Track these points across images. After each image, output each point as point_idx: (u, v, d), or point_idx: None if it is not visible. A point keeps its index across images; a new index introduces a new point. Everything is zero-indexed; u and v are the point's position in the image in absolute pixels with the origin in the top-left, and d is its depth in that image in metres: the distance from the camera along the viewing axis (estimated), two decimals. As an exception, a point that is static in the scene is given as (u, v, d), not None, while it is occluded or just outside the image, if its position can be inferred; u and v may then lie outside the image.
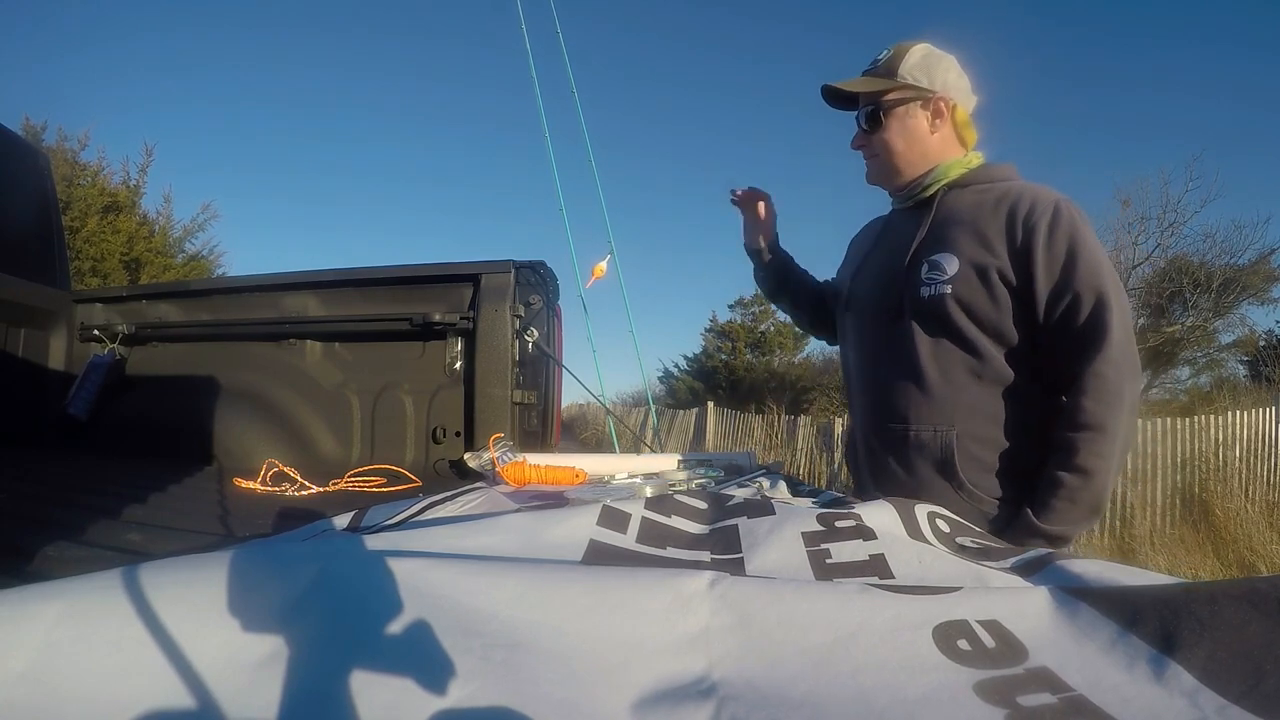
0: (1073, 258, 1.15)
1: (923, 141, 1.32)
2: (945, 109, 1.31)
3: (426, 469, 1.92)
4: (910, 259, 1.28)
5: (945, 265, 1.23)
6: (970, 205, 1.26)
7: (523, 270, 1.95)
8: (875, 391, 1.35)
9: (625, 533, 0.78)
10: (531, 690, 0.46)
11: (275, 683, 0.45)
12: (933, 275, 1.24)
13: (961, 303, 1.21)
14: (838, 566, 0.70)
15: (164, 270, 9.32)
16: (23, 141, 2.73)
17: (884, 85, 1.31)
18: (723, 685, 0.48)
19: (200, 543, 1.00)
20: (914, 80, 1.30)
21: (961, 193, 1.29)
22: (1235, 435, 5.82)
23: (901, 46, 1.33)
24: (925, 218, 1.30)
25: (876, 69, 1.33)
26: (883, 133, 1.33)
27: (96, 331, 2.23)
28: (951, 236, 1.24)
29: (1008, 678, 0.48)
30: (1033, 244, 1.16)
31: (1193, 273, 10.46)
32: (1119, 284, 1.18)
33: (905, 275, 1.28)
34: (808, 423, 9.30)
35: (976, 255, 1.20)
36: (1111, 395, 1.12)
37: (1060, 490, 1.13)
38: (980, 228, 1.22)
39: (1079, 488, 1.12)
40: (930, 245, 1.27)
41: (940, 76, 1.31)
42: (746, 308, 17.25)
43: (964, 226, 1.24)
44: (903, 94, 1.30)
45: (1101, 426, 1.12)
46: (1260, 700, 0.44)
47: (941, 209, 1.30)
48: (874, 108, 1.33)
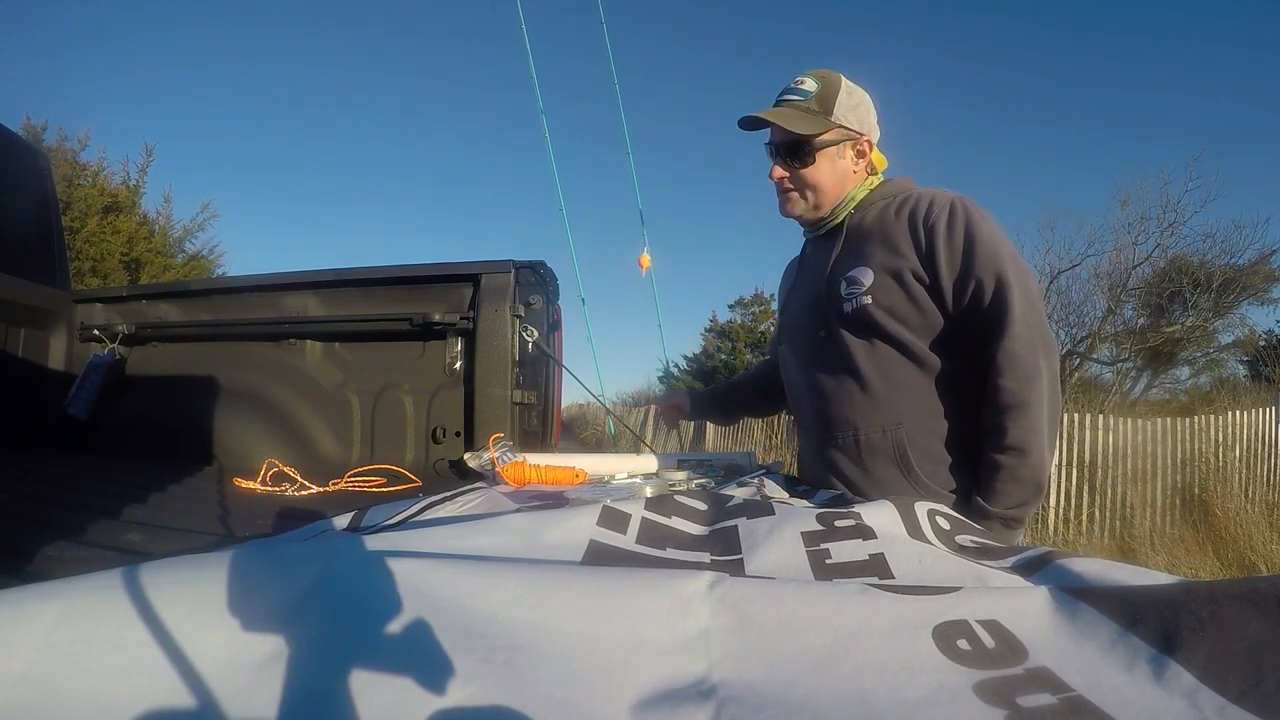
0: (970, 246, 1.20)
1: (844, 179, 1.37)
2: (868, 150, 1.37)
3: (426, 469, 1.92)
4: (828, 280, 1.34)
5: (861, 278, 1.29)
6: (875, 219, 1.33)
7: (523, 270, 1.95)
8: (820, 405, 1.38)
9: (625, 533, 0.78)
10: (532, 691, 0.46)
11: (276, 683, 0.46)
12: (851, 290, 1.29)
13: (883, 308, 1.26)
14: (838, 566, 0.70)
15: (164, 270, 9.32)
16: (23, 141, 2.73)
17: (821, 126, 1.32)
18: (723, 687, 0.48)
19: (200, 543, 1.00)
20: (846, 123, 1.33)
21: (866, 210, 1.36)
22: (1235, 435, 5.81)
23: (829, 81, 1.33)
24: (837, 241, 1.36)
25: (808, 103, 1.32)
26: (810, 170, 1.35)
27: (96, 331, 2.23)
28: (863, 251, 1.31)
29: (1008, 678, 0.48)
30: (934, 241, 1.22)
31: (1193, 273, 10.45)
32: (1021, 263, 1.22)
33: (827, 296, 1.34)
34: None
35: (888, 262, 1.26)
36: (1027, 370, 1.15)
37: (1000, 472, 1.17)
38: (887, 236, 1.28)
39: (1016, 466, 1.16)
40: (844, 263, 1.33)
41: (867, 118, 1.36)
42: (746, 308, 17.26)
43: (872, 239, 1.30)
44: (836, 135, 1.33)
45: (1024, 403, 1.15)
46: (1260, 700, 0.44)
47: (850, 229, 1.36)
48: (805, 145, 1.33)
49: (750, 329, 16.94)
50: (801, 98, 1.33)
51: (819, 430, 1.38)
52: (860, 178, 1.38)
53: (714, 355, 17.22)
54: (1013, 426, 1.15)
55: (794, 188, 1.38)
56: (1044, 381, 1.16)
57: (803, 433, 1.49)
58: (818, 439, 1.39)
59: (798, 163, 1.35)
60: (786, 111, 1.33)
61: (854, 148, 1.35)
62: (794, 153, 1.34)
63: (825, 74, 1.35)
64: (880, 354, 1.28)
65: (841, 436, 1.33)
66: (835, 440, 1.34)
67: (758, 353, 16.56)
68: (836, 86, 1.33)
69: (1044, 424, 1.16)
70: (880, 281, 1.26)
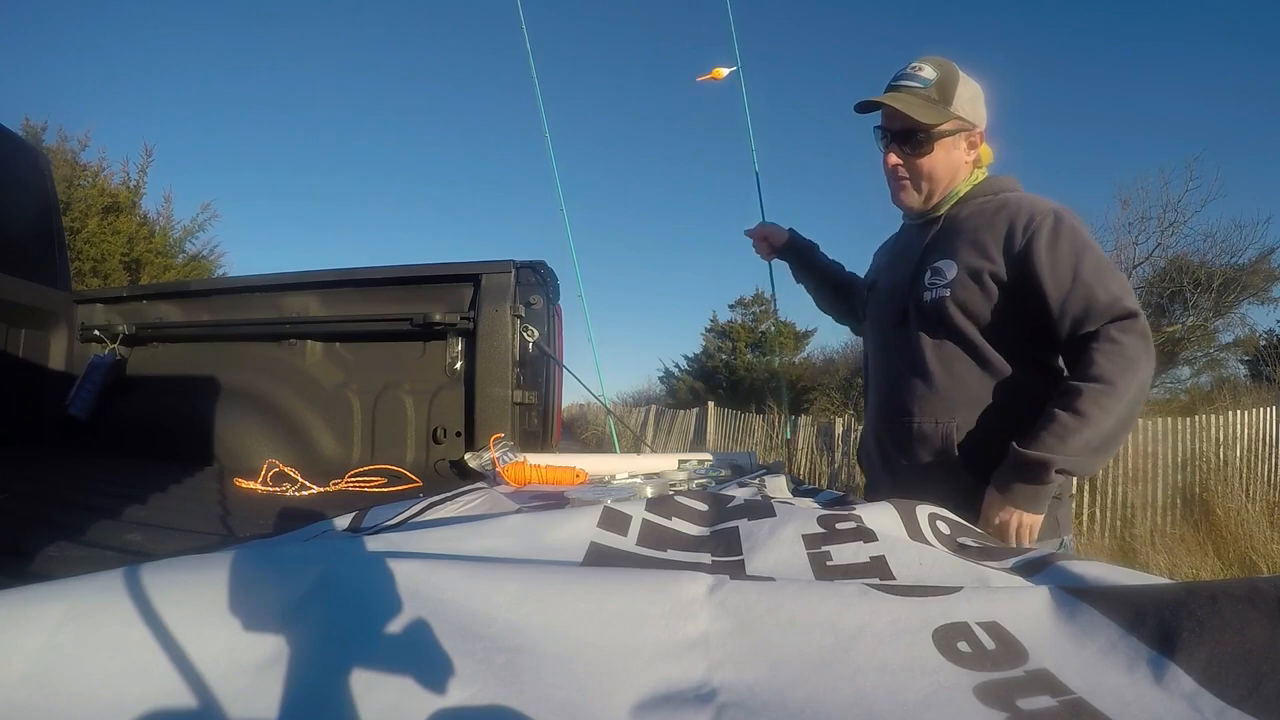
0: (1079, 260, 1.19)
1: (956, 170, 1.36)
2: (979, 142, 1.37)
3: (427, 469, 1.92)
4: (916, 268, 1.36)
5: (945, 271, 1.30)
6: (971, 214, 1.33)
7: (523, 270, 1.95)
8: (885, 388, 1.42)
9: (626, 535, 0.78)
10: (532, 693, 0.46)
11: (277, 684, 0.46)
12: (934, 281, 1.31)
13: (959, 304, 1.27)
14: (838, 568, 0.70)
15: (164, 270, 9.31)
16: (23, 142, 2.73)
17: (941, 116, 1.30)
18: (722, 690, 0.48)
19: (201, 543, 1.00)
20: (963, 114, 1.32)
21: (965, 204, 1.35)
22: (1236, 435, 5.81)
23: (948, 70, 1.32)
24: (933, 230, 1.37)
25: (928, 90, 1.31)
26: (926, 159, 1.33)
27: (97, 332, 2.23)
28: (953, 245, 1.31)
29: (1008, 680, 0.48)
30: (1033, 250, 1.21)
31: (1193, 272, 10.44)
32: (1122, 277, 1.23)
33: (911, 283, 1.36)
34: (808, 423, 9.30)
35: (972, 260, 1.27)
36: (1128, 360, 1.14)
37: (1052, 425, 1.15)
38: (979, 235, 1.28)
39: (1072, 428, 1.14)
40: (933, 254, 1.34)
41: (980, 110, 1.36)
42: (747, 308, 17.25)
43: (964, 235, 1.30)
44: (953, 125, 1.32)
45: (1111, 381, 1.13)
46: (1260, 703, 0.44)
47: (947, 220, 1.36)
48: (923, 134, 1.32)
49: (750, 329, 16.93)
50: (921, 85, 1.31)
51: (879, 410, 1.43)
52: (969, 170, 1.37)
53: (714, 355, 17.21)
54: (1088, 395, 1.13)
55: (908, 177, 1.37)
56: (1137, 377, 1.14)
57: (867, 407, 1.54)
58: (876, 418, 1.44)
59: (914, 151, 1.33)
60: (908, 98, 1.31)
61: (967, 139, 1.35)
62: (911, 141, 1.33)
63: (942, 61, 1.33)
64: (947, 348, 1.30)
65: (896, 421, 1.36)
66: (890, 423, 1.38)
67: (758, 353, 16.55)
68: (956, 76, 1.32)
69: (1118, 409, 1.14)
70: (961, 278, 1.27)
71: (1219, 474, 5.57)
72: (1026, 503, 1.18)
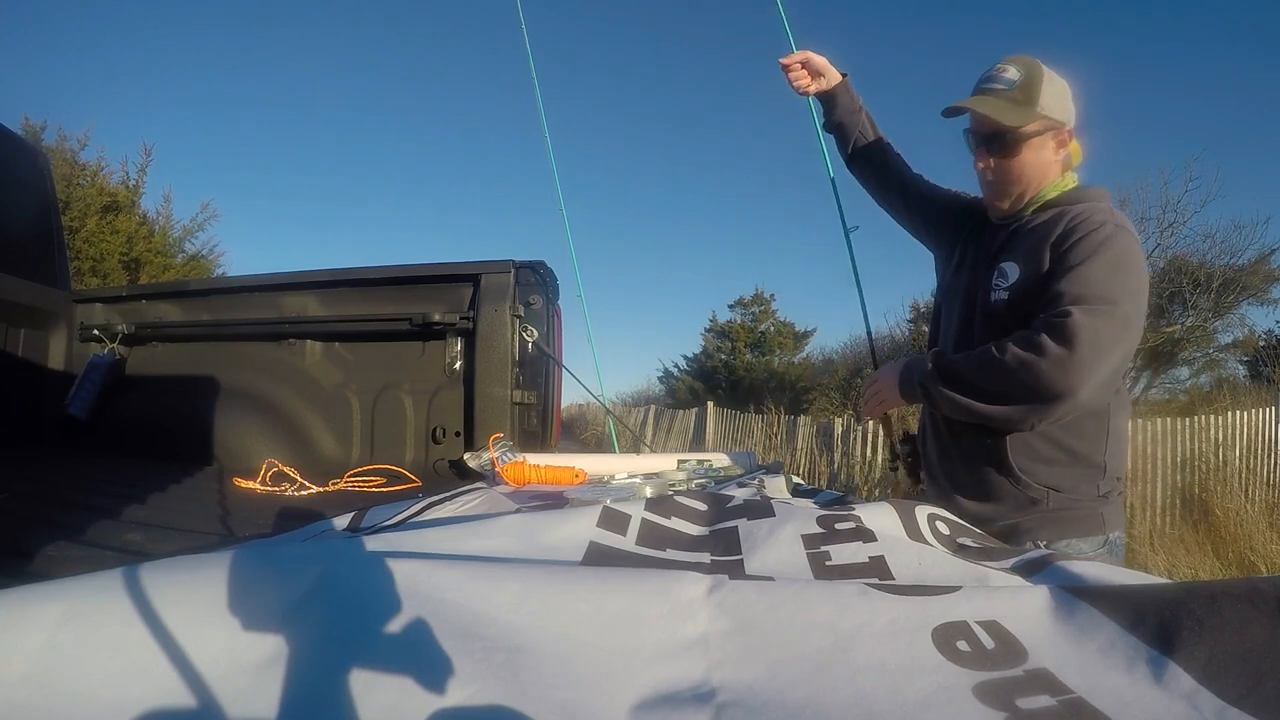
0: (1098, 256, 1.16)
1: (1044, 169, 1.34)
2: (1068, 140, 1.34)
3: (426, 469, 1.92)
4: (987, 265, 1.36)
5: (1009, 273, 1.30)
6: (1045, 221, 1.30)
7: (523, 270, 1.95)
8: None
9: (625, 534, 0.78)
10: (532, 693, 0.46)
11: (276, 684, 0.46)
12: (999, 282, 1.31)
13: (1015, 309, 1.26)
14: (837, 568, 0.70)
15: (164, 270, 9.30)
16: (23, 141, 2.73)
17: (1026, 117, 1.29)
18: (722, 690, 0.48)
19: (201, 543, 1.00)
20: (1049, 113, 1.30)
21: (1045, 210, 1.33)
22: (1235, 435, 5.81)
23: (1032, 69, 1.30)
24: (1006, 230, 1.37)
25: (1012, 92, 1.29)
26: (1015, 162, 1.32)
27: (96, 331, 2.23)
28: (1021, 247, 1.31)
29: (1007, 680, 0.48)
30: (1062, 250, 1.20)
31: (1192, 273, 10.44)
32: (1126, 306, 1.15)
33: (981, 280, 1.36)
34: (808, 423, 9.30)
35: (1029, 266, 1.26)
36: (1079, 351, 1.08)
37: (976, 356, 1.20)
38: (1039, 241, 1.27)
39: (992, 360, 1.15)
40: (1005, 253, 1.33)
41: (1068, 107, 1.33)
42: (746, 308, 17.26)
43: (1031, 238, 1.30)
44: (1040, 125, 1.30)
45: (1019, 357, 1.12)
46: (1259, 702, 0.44)
47: (1023, 223, 1.34)
48: (1009, 135, 1.30)
49: (750, 329, 16.93)
50: (1005, 86, 1.30)
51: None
52: (1058, 169, 1.35)
53: (714, 355, 17.21)
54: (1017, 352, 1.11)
55: (997, 180, 1.35)
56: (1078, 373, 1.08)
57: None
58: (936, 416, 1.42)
59: (1002, 154, 1.32)
60: (992, 101, 1.29)
61: (1055, 138, 1.33)
62: (997, 144, 1.31)
63: (1027, 60, 1.32)
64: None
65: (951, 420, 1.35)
66: (948, 420, 1.37)
67: (758, 353, 16.55)
68: (1040, 74, 1.30)
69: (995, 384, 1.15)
70: (1020, 283, 1.27)
71: (1218, 474, 5.57)
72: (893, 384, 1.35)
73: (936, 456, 1.44)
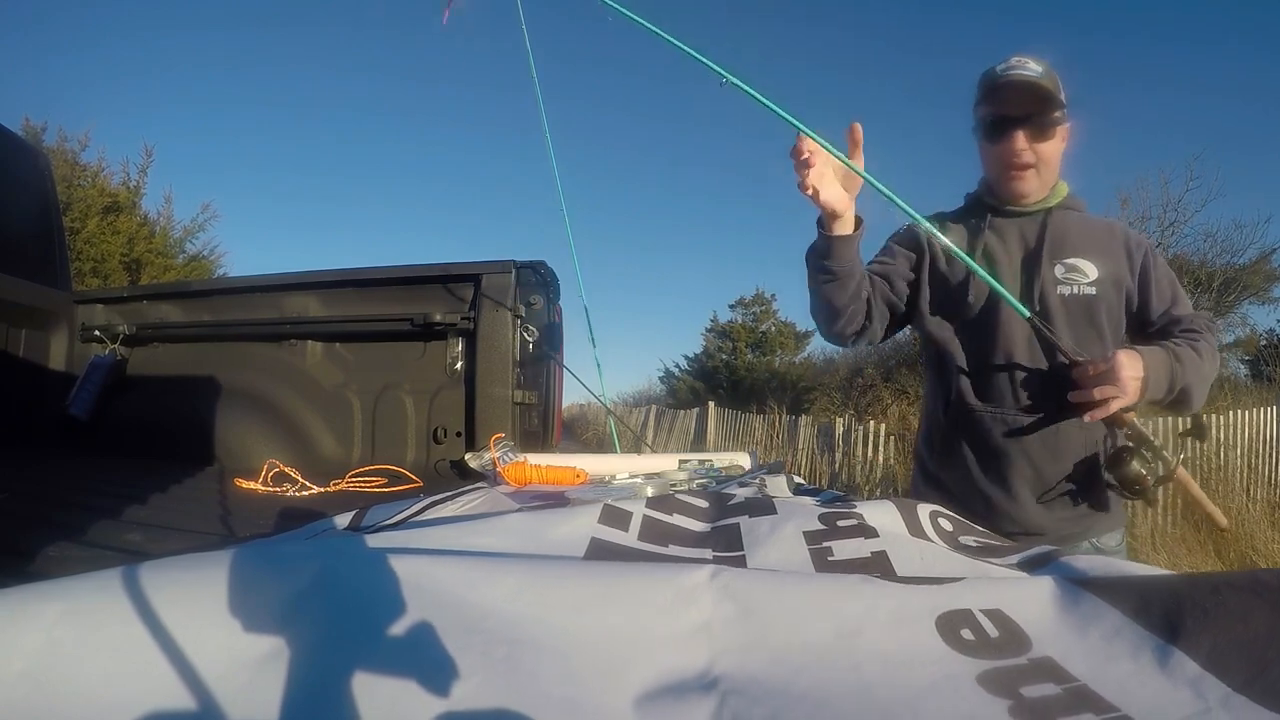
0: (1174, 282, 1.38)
1: (1058, 162, 1.37)
2: (1068, 136, 1.37)
3: (427, 469, 1.92)
4: (1037, 260, 1.34)
5: (1083, 268, 1.33)
6: (1082, 226, 1.38)
7: (523, 270, 1.95)
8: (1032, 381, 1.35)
9: (626, 530, 0.78)
10: (533, 686, 0.46)
11: (276, 681, 0.45)
12: (1070, 276, 1.33)
13: (1104, 303, 1.32)
14: (839, 563, 0.70)
15: (164, 271, 9.31)
16: (23, 142, 2.73)
17: (1061, 102, 1.30)
18: (725, 679, 0.48)
19: (201, 543, 1.00)
20: (1066, 109, 1.33)
21: (1065, 212, 1.38)
22: (1237, 434, 5.81)
23: (1050, 69, 1.32)
24: (1036, 224, 1.37)
25: (1045, 79, 1.28)
26: (1049, 145, 1.32)
27: (97, 332, 2.23)
28: (1078, 245, 1.35)
29: (1011, 668, 0.48)
30: (1149, 271, 1.35)
31: (1193, 272, 10.43)
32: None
33: (1041, 275, 1.33)
34: (809, 423, 9.29)
35: (1110, 267, 1.33)
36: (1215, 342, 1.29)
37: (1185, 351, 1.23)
38: (1101, 245, 1.35)
39: (1190, 363, 1.23)
40: (1062, 250, 1.34)
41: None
42: (747, 308, 17.26)
43: (1084, 239, 1.35)
44: (1063, 117, 1.32)
45: (1210, 347, 1.27)
46: (1264, 689, 0.44)
47: (1055, 221, 1.36)
48: (1052, 118, 1.30)
49: (751, 329, 16.93)
50: (1035, 73, 1.28)
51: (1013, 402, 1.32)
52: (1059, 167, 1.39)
53: (714, 355, 17.21)
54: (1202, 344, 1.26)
55: (1033, 164, 1.32)
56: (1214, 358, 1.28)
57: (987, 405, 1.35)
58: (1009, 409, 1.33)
59: (1042, 138, 1.31)
60: (1040, 81, 1.28)
61: (1064, 133, 1.35)
62: (1039, 123, 1.29)
63: (1043, 60, 1.32)
64: (1085, 342, 1.30)
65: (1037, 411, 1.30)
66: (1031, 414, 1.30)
67: (758, 353, 16.55)
68: (1054, 72, 1.32)
69: (1202, 372, 1.24)
70: (1103, 279, 1.32)
71: (1219, 474, 5.57)
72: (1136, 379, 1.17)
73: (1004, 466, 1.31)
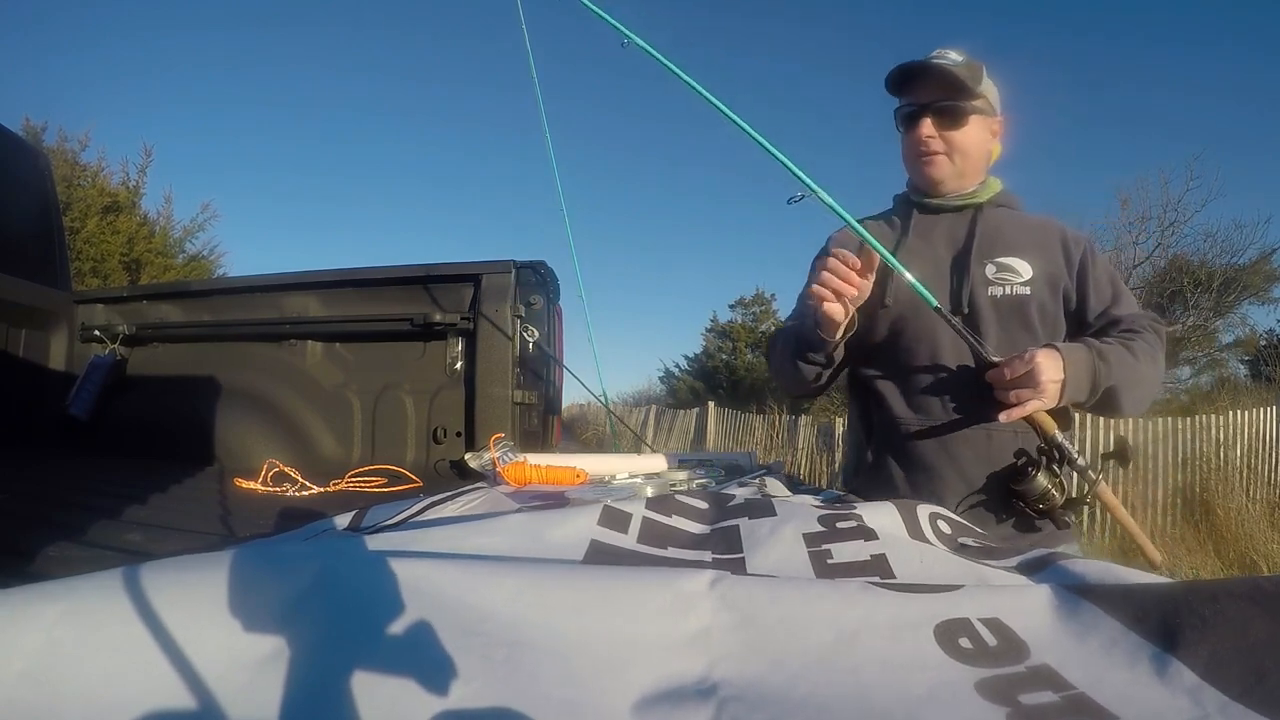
0: (1114, 278, 1.34)
1: (983, 155, 1.36)
2: (998, 133, 1.37)
3: (427, 469, 1.92)
4: (967, 259, 1.31)
5: (1015, 267, 1.30)
6: (1014, 223, 1.35)
7: (523, 270, 1.95)
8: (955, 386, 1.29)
9: (626, 533, 0.78)
10: (532, 689, 0.46)
11: (276, 682, 0.45)
12: (1002, 275, 1.30)
13: (1037, 303, 1.29)
14: (839, 567, 0.70)
15: (164, 271, 9.32)
16: (23, 142, 2.73)
17: (978, 84, 1.30)
18: (723, 685, 0.48)
19: (201, 543, 1.00)
20: (990, 98, 1.33)
21: (996, 209, 1.36)
22: (1236, 434, 5.81)
23: (970, 59, 1.32)
24: (966, 222, 1.35)
25: (961, 67, 1.29)
26: (961, 133, 1.31)
27: (97, 332, 2.23)
28: (1010, 243, 1.32)
29: (1009, 676, 0.48)
30: (1087, 268, 1.32)
31: (1193, 272, 10.45)
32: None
33: (969, 276, 1.29)
34: (808, 423, 9.29)
35: (1046, 266, 1.30)
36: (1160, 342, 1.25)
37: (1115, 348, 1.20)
38: (1038, 245, 1.32)
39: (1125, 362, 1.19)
40: (992, 248, 1.32)
41: (998, 103, 1.36)
42: (747, 308, 17.27)
43: (1020, 240, 1.32)
44: (983, 105, 1.32)
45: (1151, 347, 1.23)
46: (1262, 697, 0.44)
47: (986, 216, 1.35)
48: (962, 105, 1.30)
49: (751, 329, 16.94)
50: (952, 62, 1.29)
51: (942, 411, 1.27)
52: (987, 162, 1.37)
53: (714, 355, 17.22)
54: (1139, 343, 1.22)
55: (942, 151, 1.32)
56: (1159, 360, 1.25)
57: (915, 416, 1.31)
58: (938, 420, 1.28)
59: (950, 123, 1.30)
60: (950, 66, 1.28)
61: (989, 126, 1.34)
62: (949, 112, 1.30)
63: (966, 54, 1.33)
64: (1018, 344, 1.22)
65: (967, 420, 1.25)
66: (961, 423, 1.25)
67: (758, 353, 16.55)
68: (981, 65, 1.32)
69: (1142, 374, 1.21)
70: (1038, 279, 1.29)
71: (1219, 474, 5.58)
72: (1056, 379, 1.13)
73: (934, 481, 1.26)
